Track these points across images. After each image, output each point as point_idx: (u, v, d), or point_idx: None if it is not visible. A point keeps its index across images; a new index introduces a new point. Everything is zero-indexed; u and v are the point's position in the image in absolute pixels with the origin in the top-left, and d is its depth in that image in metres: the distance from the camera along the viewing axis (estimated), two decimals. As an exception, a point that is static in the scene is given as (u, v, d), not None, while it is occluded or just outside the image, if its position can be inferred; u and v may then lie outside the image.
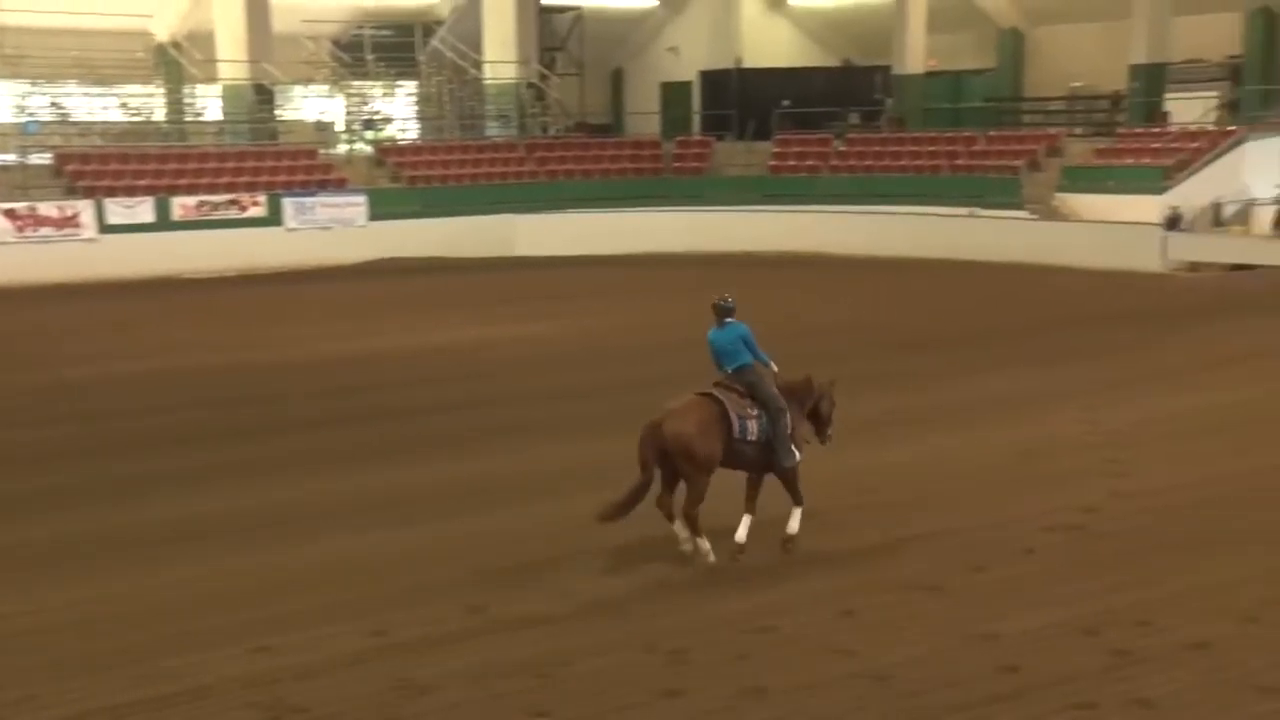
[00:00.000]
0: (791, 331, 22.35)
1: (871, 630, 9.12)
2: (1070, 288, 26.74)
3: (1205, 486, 12.43)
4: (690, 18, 43.94)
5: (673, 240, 34.11)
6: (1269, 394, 16.38)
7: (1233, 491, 12.25)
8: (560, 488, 12.87)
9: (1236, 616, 9.14)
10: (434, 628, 9.33)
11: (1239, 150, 29.75)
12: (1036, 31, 39.91)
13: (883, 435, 14.67)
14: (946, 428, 15.04)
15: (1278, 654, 8.57)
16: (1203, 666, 8.41)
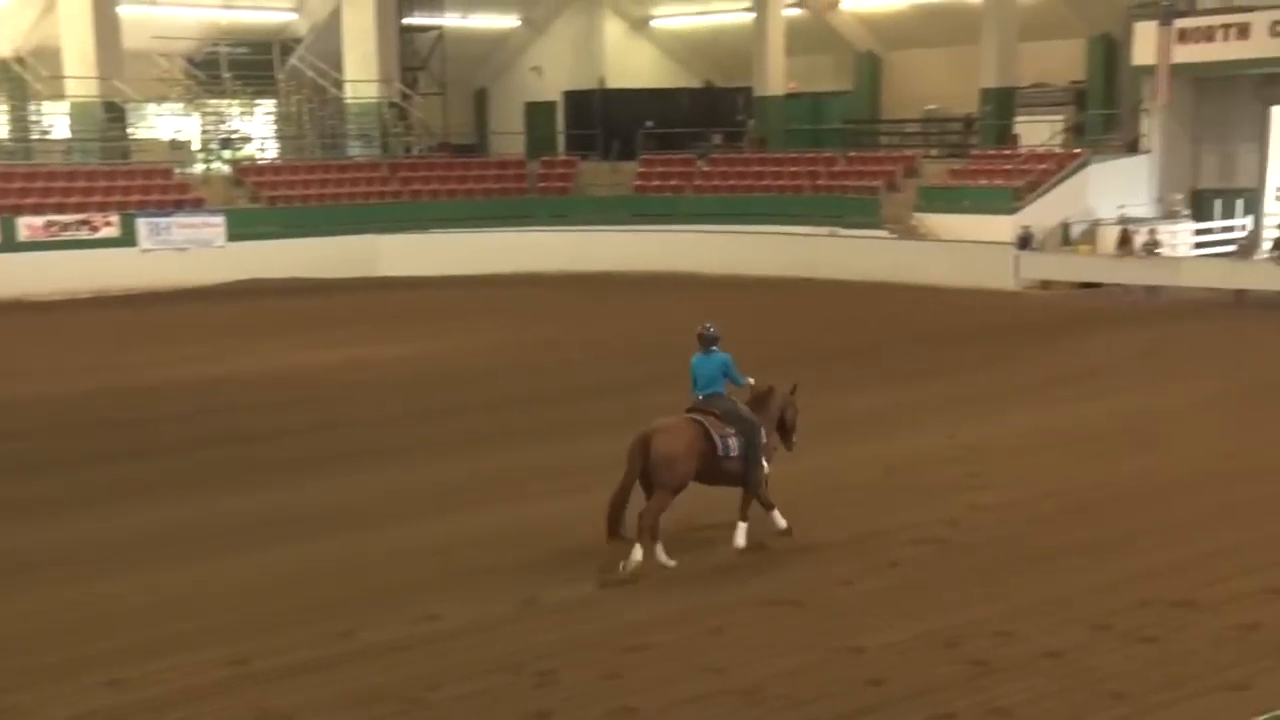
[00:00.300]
0: (656, 350, 22.53)
1: (740, 646, 9.17)
2: (928, 306, 27.35)
3: (1057, 498, 12.80)
4: (553, 38, 44.01)
5: (538, 260, 34.05)
6: (1113, 408, 16.96)
7: (1082, 502, 12.64)
8: (424, 510, 12.75)
9: (1088, 625, 9.41)
10: (297, 655, 9.13)
11: (1084, 172, 30.79)
12: (892, 56, 40.84)
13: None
14: (811, 444, 15.14)
15: (1127, 660, 8.84)
16: (1057, 674, 8.63)
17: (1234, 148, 31.54)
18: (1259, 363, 20.14)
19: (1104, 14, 34.79)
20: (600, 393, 18.63)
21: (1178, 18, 29.46)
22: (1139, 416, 16.33)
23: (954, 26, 37.24)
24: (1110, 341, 22.42)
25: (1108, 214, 29.99)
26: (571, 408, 17.52)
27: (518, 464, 14.49)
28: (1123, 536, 11.46)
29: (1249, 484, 13.14)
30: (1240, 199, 31.12)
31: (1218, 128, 31.66)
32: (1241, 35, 28.77)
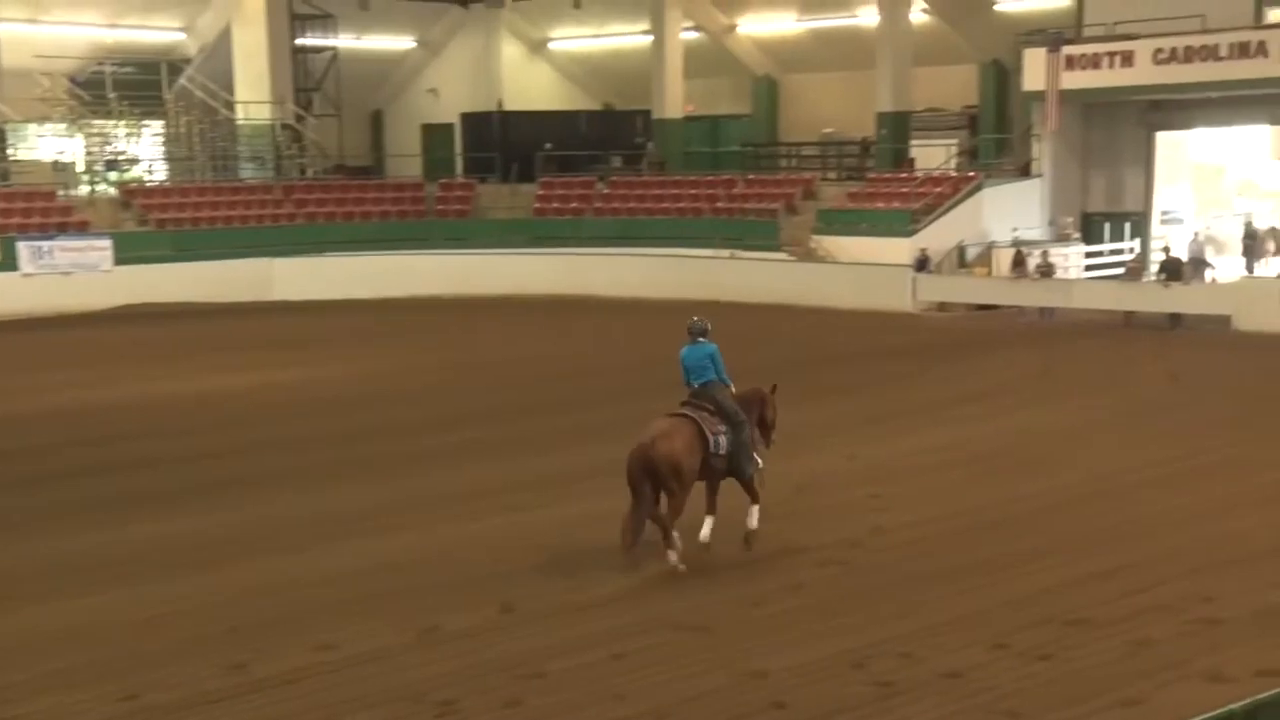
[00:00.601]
0: (557, 373, 22.53)
1: (642, 672, 9.14)
2: (828, 327, 27.67)
3: (957, 518, 12.98)
4: (449, 60, 43.86)
5: (436, 284, 33.83)
6: (1009, 427, 17.27)
7: (981, 522, 12.83)
8: (321, 537, 12.55)
9: (987, 644, 9.54)
10: (190, 689, 8.91)
11: (978, 195, 31.39)
12: (789, 79, 41.36)
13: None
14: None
15: (1025, 679, 8.96)
16: (958, 694, 8.72)
17: (1121, 172, 32.40)
18: (1147, 382, 20.67)
19: (995, 41, 35.62)
20: (500, 417, 18.55)
21: (1065, 45, 30.21)
22: (1034, 436, 16.65)
23: (849, 51, 37.84)
24: (1006, 362, 22.86)
25: (1002, 236, 30.60)
26: (470, 432, 17.41)
27: (417, 490, 14.35)
28: (1020, 555, 11.65)
29: (1139, 501, 13.45)
30: (1128, 222, 31.95)
31: (1105, 152, 32.50)
32: (1126, 63, 29.59)
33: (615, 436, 16.93)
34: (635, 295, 32.29)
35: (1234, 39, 28.06)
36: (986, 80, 36.37)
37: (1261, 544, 11.87)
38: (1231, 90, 28.70)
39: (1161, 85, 29.42)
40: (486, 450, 16.26)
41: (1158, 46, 28.98)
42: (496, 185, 38.43)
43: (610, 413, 18.72)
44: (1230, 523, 12.59)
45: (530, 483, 14.54)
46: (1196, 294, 26.58)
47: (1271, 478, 14.33)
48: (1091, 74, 30.03)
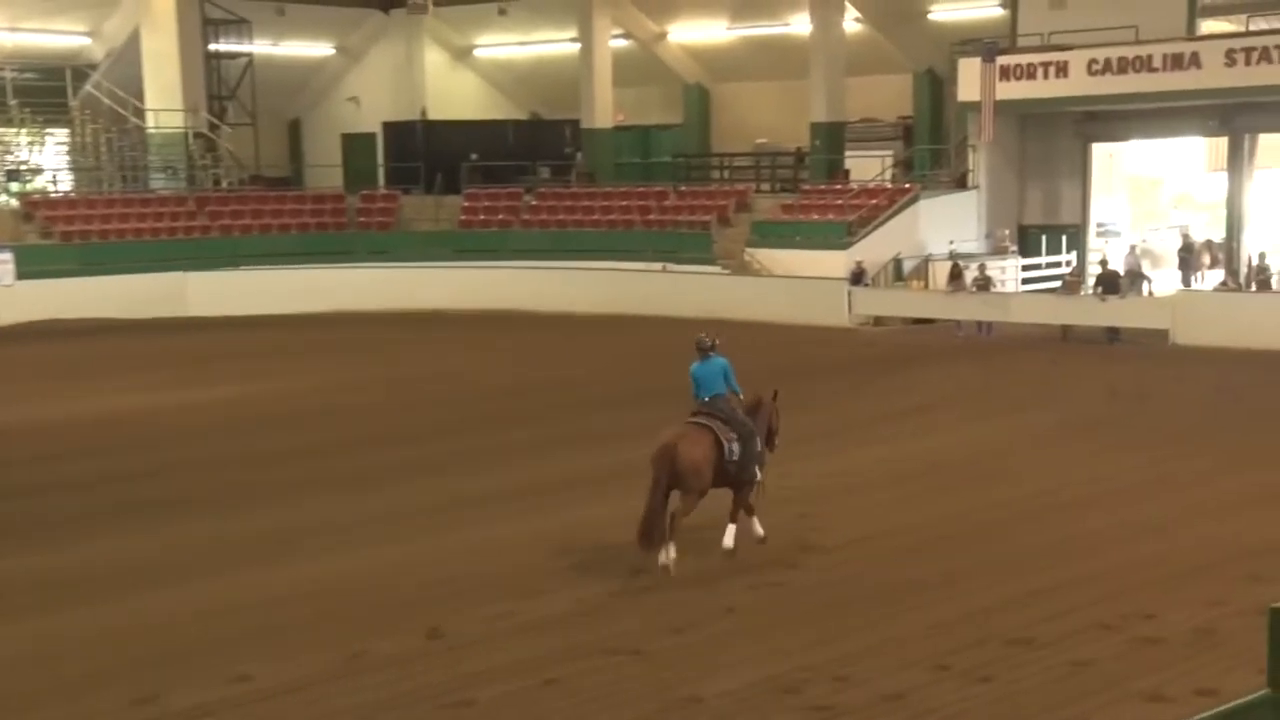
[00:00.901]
0: (484, 390, 22.46)
1: (574, 699, 9.11)
2: (762, 342, 27.77)
3: (893, 536, 13.08)
4: (370, 67, 43.61)
5: (359, 298, 33.59)
6: (946, 444, 17.43)
7: (918, 540, 12.94)
8: (238, 562, 12.40)
9: (927, 665, 9.61)
10: (97, 728, 8.75)
11: (914, 207, 31.73)
12: (720, 88, 41.59)
13: (580, 494, 14.83)
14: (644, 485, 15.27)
15: (965, 700, 9.03)
16: (899, 717, 8.78)
17: (1057, 184, 32.91)
18: (1084, 397, 20.97)
19: (929, 50, 36.08)
20: (426, 436, 18.47)
21: (1000, 55, 30.66)
22: (972, 452, 16.82)
23: (782, 60, 38.14)
24: (943, 377, 23.09)
25: (939, 249, 30.94)
26: (395, 452, 17.31)
27: (338, 512, 14.23)
28: (958, 573, 11.76)
29: (1079, 518, 13.63)
30: (1064, 235, 32.44)
31: (1042, 164, 33.01)
32: (1061, 73, 30.09)
33: (544, 455, 17.03)
34: (565, 310, 32.25)
35: (1167, 50, 28.64)
36: (921, 90, 36.80)
37: (1200, 560, 12.08)
38: (1165, 102, 29.27)
39: (1096, 96, 29.94)
40: (412, 470, 16.18)
41: (1092, 57, 29.50)
42: (420, 197, 38.26)
43: (539, 431, 18.71)
44: (1169, 539, 12.80)
45: (456, 503, 14.47)
46: (1134, 308, 27.04)
47: (1211, 492, 14.60)
48: (1026, 84, 30.50)
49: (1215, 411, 19.63)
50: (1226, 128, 30.06)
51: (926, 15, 35.98)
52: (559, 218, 36.15)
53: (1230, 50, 27.99)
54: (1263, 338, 24.68)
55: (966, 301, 28.26)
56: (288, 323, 31.82)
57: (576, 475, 15.78)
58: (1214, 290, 28.97)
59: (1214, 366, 23.41)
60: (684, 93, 41.75)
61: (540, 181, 39.07)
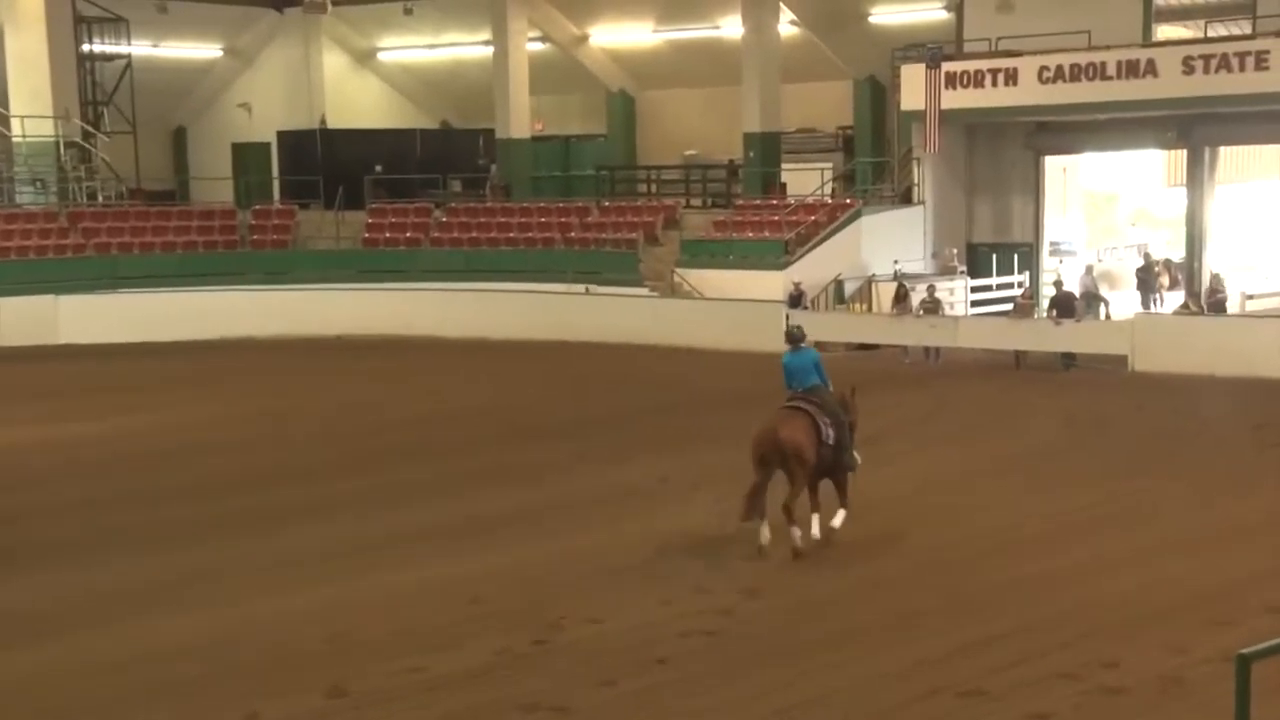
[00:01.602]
0: (394, 422, 22.30)
1: (493, 761, 9.04)
2: (694, 369, 27.88)
3: (836, 578, 13.12)
4: (263, 71, 43.32)
5: (252, 324, 33.26)
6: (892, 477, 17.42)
7: (863, 581, 13.00)
8: (120, 613, 12.20)
9: (877, 716, 9.64)
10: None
11: (856, 224, 31.98)
12: (647, 95, 41.79)
13: (497, 535, 14.76)
14: (570, 523, 15.27)
15: (921, 752, 9.08)
16: (847, 772, 8.80)
17: (1008, 200, 33.38)
18: (1040, 427, 21.23)
19: (869, 56, 36.48)
20: (323, 474, 18.32)
21: (945, 61, 31.10)
22: (920, 486, 16.95)
23: (712, 66, 38.40)
24: (888, 406, 23.20)
25: (883, 269, 31.21)
26: (288, 491, 17.16)
27: (228, 558, 14.05)
28: (906, 618, 11.81)
29: (1035, 556, 13.77)
30: (1016, 254, 32.89)
31: (991, 178, 33.48)
32: (1010, 81, 30.55)
33: (458, 492, 16.95)
34: (479, 335, 32.15)
35: (1122, 57, 29.18)
36: (861, 98, 37.22)
37: (1163, 602, 12.24)
38: (1121, 112, 29.83)
39: (1047, 106, 30.45)
40: (306, 511, 16.04)
41: (1043, 64, 30.00)
42: (319, 212, 37.99)
43: (452, 466, 18.63)
44: (1130, 578, 12.96)
45: (360, 547, 14.35)
46: (1090, 332, 27.42)
47: (1173, 528, 14.83)
48: (973, 93, 30.94)
49: (1177, 442, 19.95)
50: (1185, 140, 30.68)
51: (867, 18, 36.41)
52: (472, 235, 36.05)
53: (1188, 57, 28.57)
54: (1226, 363, 25.11)
55: (912, 325, 28.52)
56: (172, 351, 31.42)
57: (494, 514, 15.71)
58: (1174, 313, 29.44)
59: (1175, 394, 23.80)
60: (607, 100, 41.90)
61: (451, 196, 38.97)
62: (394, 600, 12.53)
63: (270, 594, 12.78)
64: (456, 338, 32.25)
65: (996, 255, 33.02)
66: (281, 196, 40.20)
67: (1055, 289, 28.60)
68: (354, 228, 36.99)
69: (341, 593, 12.80)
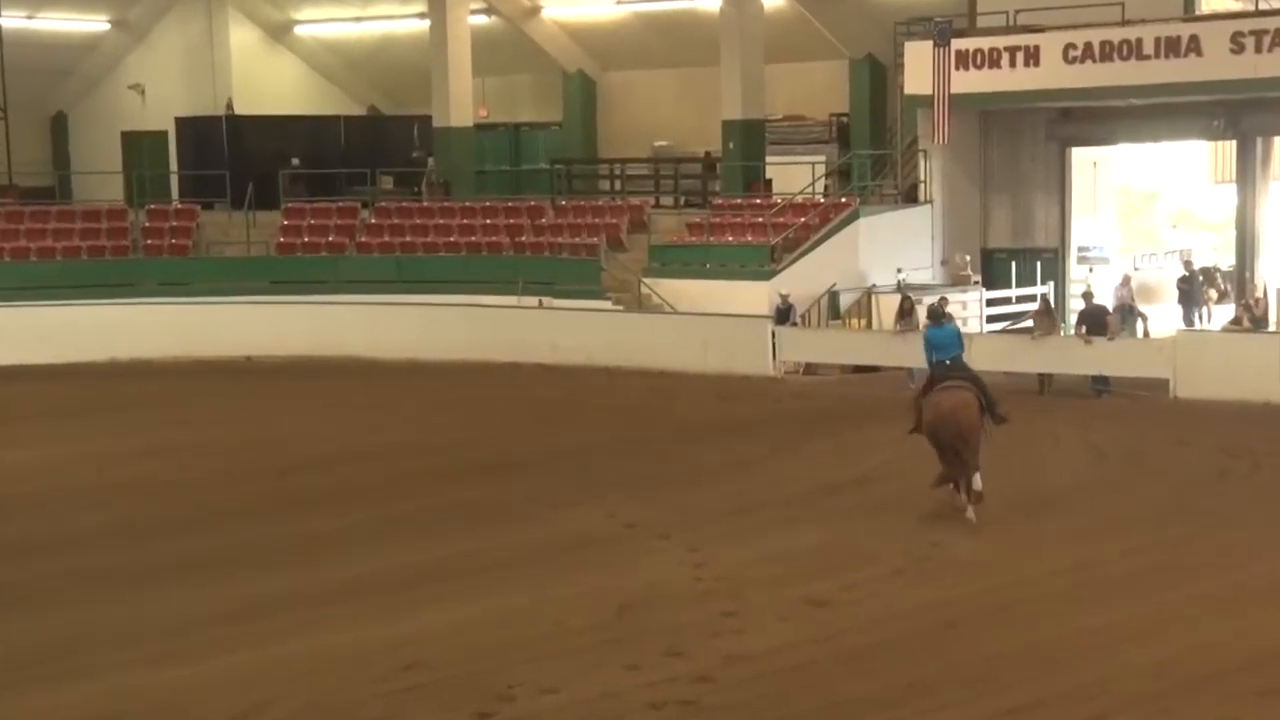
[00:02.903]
0: (310, 459, 22.21)
1: None
2: (664, 396, 27.85)
3: (829, 642, 13.11)
4: (158, 47, 43.23)
5: (144, 344, 33.08)
6: (887, 525, 17.52)
7: (859, 647, 13.00)
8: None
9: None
10: None
11: (853, 226, 32.03)
12: (610, 78, 41.86)
13: (435, 592, 14.74)
14: (519, 577, 15.25)
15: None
16: None
17: (1029, 198, 33.50)
18: (1066, 464, 21.26)
19: (868, 32, 36.66)
20: (217, 522, 18.25)
21: (956, 38, 31.24)
22: (923, 534, 16.96)
23: (685, 43, 38.49)
24: (891, 440, 23.16)
25: (884, 279, 31.30)
26: (173, 544, 17.07)
27: (106, 621, 13.99)
28: (907, 691, 11.81)
29: (1061, 616, 13.79)
30: (1039, 261, 32.98)
31: (1010, 173, 33.60)
32: (1031, 61, 30.69)
33: (376, 543, 16.90)
34: (411, 357, 32.08)
35: (1161, 33, 29.31)
36: (859, 81, 37.34)
37: (1205, 668, 12.25)
38: (1160, 97, 29.95)
39: (1074, 89, 30.58)
40: (193, 567, 15.96)
41: (1069, 41, 30.16)
42: (226, 213, 37.87)
43: (371, 513, 18.58)
44: (1169, 642, 12.98)
45: (264, 607, 14.31)
46: (1125, 352, 27.48)
47: (1218, 584, 14.85)
48: (989, 74, 31.07)
49: (1225, 483, 20.00)
50: (1234, 129, 30.85)
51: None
52: (405, 240, 36.01)
53: (1237, 34, 28.68)
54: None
55: (919, 345, 28.50)
56: (48, 375, 31.28)
57: (428, 567, 15.69)
58: (1222, 330, 29.50)
59: (1223, 426, 23.81)
60: (563, 83, 41.95)
61: (381, 194, 38.92)
62: (312, 669, 12.49)
63: (160, 665, 12.68)
64: (386, 359, 32.15)
65: (1016, 263, 33.13)
66: (181, 194, 40.06)
67: (1084, 302, 28.63)
68: (267, 231, 36.88)
69: (248, 661, 12.74)
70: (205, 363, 32.47)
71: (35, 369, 31.73)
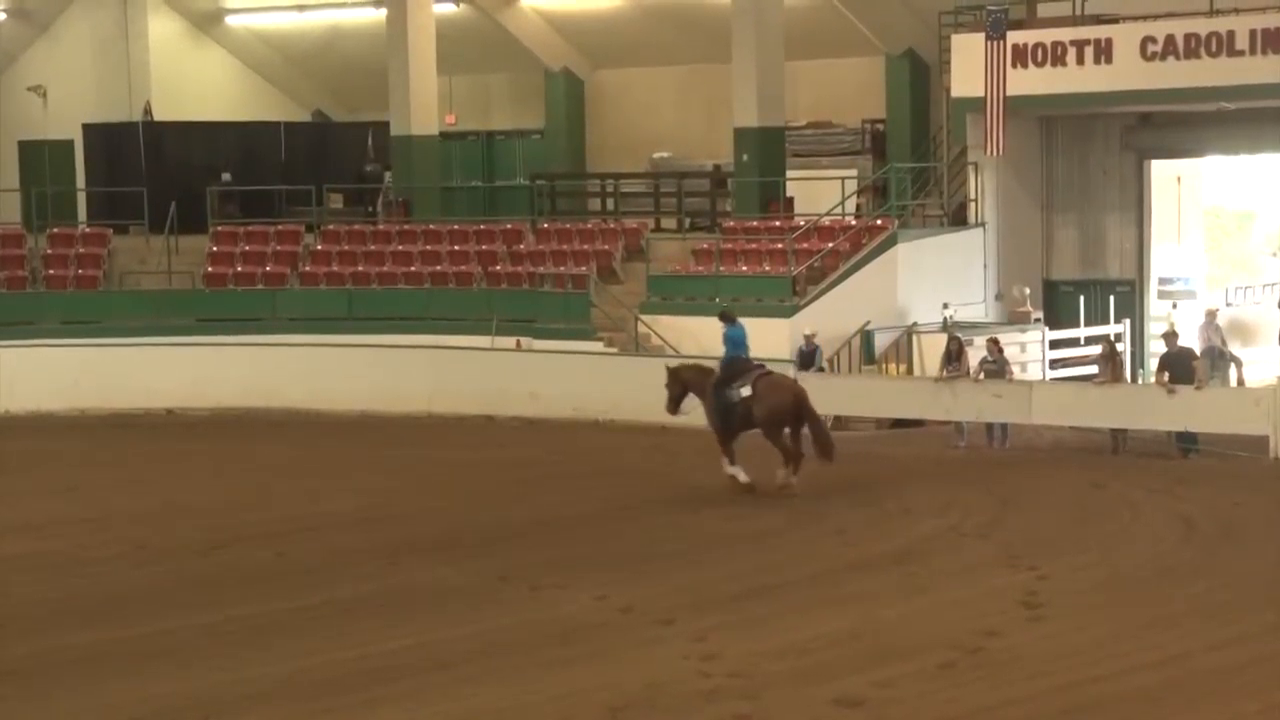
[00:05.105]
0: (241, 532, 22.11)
1: None
2: (665, 456, 27.75)
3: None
4: (64, 40, 43.31)
5: (48, 392, 33.14)
6: (933, 606, 17.44)
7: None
8: None
9: None
10: None
11: (891, 253, 32.05)
12: (601, 77, 41.87)
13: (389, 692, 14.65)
14: (490, 675, 15.13)
15: None
16: None
17: (1099, 220, 33.51)
18: (1143, 538, 21.14)
19: (907, 23, 36.69)
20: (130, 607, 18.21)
21: (1012, 30, 31.25)
22: (978, 620, 16.84)
23: (691, 36, 38.57)
24: (935, 507, 23.18)
25: (927, 316, 31.26)
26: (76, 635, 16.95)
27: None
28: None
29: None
30: (1111, 295, 32.94)
31: (1077, 191, 33.62)
32: (1103, 57, 30.72)
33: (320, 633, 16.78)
34: (363, 409, 32.08)
35: (1257, 24, 29.45)
36: (897, 81, 37.34)
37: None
38: (1256, 99, 30.03)
39: (1153, 91, 30.66)
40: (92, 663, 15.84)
41: (1147, 34, 30.25)
42: (143, 238, 37.88)
43: (313, 596, 18.49)
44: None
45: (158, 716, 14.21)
46: (1216, 403, 27.36)
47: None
48: (1051, 73, 31.15)
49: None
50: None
51: (905, -27, 36.71)
52: (357, 269, 35.98)
53: (1351, 25, 28.87)
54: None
55: (969, 394, 28.49)
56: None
57: (381, 663, 15.59)
58: (1333, 377, 29.47)
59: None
60: (546, 84, 41.99)
61: (329, 215, 38.90)
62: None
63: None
64: (334, 412, 32.13)
65: (1084, 297, 33.11)
66: (89, 215, 40.03)
67: (1166, 344, 28.57)
68: (192, 259, 36.86)
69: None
70: (117, 416, 32.47)
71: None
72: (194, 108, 42.26)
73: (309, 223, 37.87)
